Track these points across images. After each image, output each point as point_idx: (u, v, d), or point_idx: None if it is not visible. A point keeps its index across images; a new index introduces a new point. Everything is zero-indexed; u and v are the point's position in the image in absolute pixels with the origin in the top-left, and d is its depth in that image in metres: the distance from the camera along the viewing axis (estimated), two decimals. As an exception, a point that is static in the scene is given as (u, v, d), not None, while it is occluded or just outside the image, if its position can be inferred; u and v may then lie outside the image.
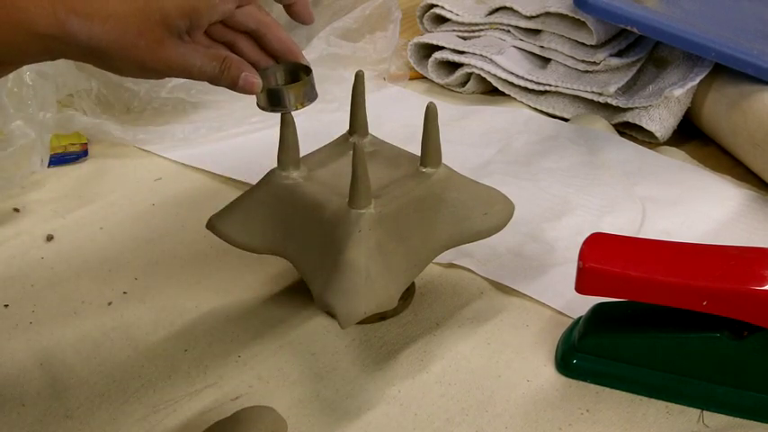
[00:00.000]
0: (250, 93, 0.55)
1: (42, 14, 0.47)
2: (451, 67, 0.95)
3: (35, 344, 0.61)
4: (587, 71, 0.88)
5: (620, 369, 0.57)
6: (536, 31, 0.92)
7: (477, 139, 0.85)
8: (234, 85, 0.54)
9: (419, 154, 0.60)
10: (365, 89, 0.62)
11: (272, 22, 0.57)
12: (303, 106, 0.57)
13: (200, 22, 0.52)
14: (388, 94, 0.93)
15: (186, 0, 0.51)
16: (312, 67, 0.58)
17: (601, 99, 0.87)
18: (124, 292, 0.66)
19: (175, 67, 0.51)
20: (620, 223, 0.72)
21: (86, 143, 0.83)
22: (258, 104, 0.57)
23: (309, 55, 0.90)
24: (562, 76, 0.89)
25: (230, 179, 0.79)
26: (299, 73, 0.58)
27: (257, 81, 0.54)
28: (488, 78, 0.92)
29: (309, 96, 0.57)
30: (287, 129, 0.59)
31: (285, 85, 0.57)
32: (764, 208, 0.75)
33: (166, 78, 0.66)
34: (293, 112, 0.58)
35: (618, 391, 0.57)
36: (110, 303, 0.65)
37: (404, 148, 0.63)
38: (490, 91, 0.94)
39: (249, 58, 0.57)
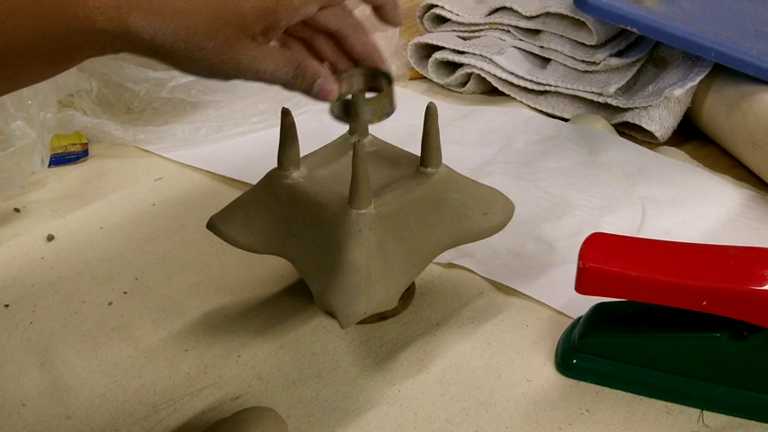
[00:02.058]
0: (324, 100, 0.51)
1: (102, 8, 0.43)
2: (451, 67, 0.95)
3: (35, 344, 0.61)
4: (587, 71, 0.88)
5: (620, 369, 0.57)
6: (536, 31, 0.92)
7: (477, 139, 0.85)
8: (308, 92, 0.50)
9: (419, 154, 0.60)
10: (365, 89, 0.62)
11: (357, 24, 0.54)
12: (379, 120, 0.54)
13: (278, 24, 0.48)
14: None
15: (264, 1, 0.47)
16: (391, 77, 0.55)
17: (601, 99, 0.87)
18: (124, 292, 0.66)
19: (245, 71, 0.48)
20: (620, 223, 0.72)
21: (87, 143, 0.83)
22: (331, 113, 0.54)
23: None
24: (562, 76, 0.89)
25: (230, 179, 0.79)
26: (380, 80, 0.54)
27: (333, 88, 0.50)
28: (488, 78, 0.92)
29: (386, 110, 0.55)
30: (287, 129, 0.59)
31: (362, 92, 0.54)
32: (764, 208, 0.75)
33: (175, 75, 0.60)
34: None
35: (618, 391, 0.57)
36: (110, 303, 0.65)
37: (404, 148, 0.63)
38: (490, 91, 0.94)
39: (328, 59, 0.53)
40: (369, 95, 0.54)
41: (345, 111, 0.54)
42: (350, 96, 0.54)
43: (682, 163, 0.81)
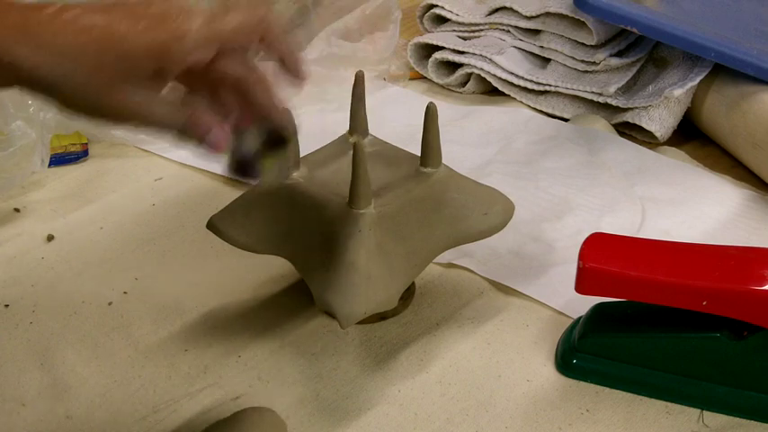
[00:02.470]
0: (216, 153, 0.47)
1: None
2: (451, 67, 0.95)
3: (35, 344, 0.61)
4: (587, 71, 0.88)
5: (620, 369, 0.57)
6: (536, 31, 0.92)
7: (477, 139, 0.85)
8: (199, 144, 0.46)
9: (419, 154, 0.60)
10: (365, 89, 0.62)
11: (259, 77, 0.49)
12: (276, 181, 0.52)
13: (169, 67, 0.44)
14: (388, 94, 0.93)
15: (156, 40, 0.43)
16: (298, 129, 0.51)
17: (601, 99, 0.87)
18: (124, 292, 0.66)
19: (131, 115, 0.45)
20: (620, 223, 0.72)
21: (87, 143, 0.83)
22: (225, 168, 0.50)
23: (309, 55, 0.90)
24: (562, 76, 0.89)
25: (230, 179, 0.79)
26: (280, 138, 0.51)
27: (223, 142, 0.47)
28: (488, 78, 0.92)
29: (283, 172, 0.51)
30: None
31: (260, 151, 0.50)
32: (764, 208, 0.75)
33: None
34: None
35: (618, 391, 0.57)
36: (110, 303, 0.65)
37: (404, 148, 0.63)
38: (490, 91, 0.94)
39: (232, 112, 0.49)
40: (266, 156, 0.50)
41: (242, 169, 0.50)
42: (244, 154, 0.50)
43: (682, 163, 0.81)
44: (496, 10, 0.94)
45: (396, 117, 0.86)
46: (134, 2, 0.45)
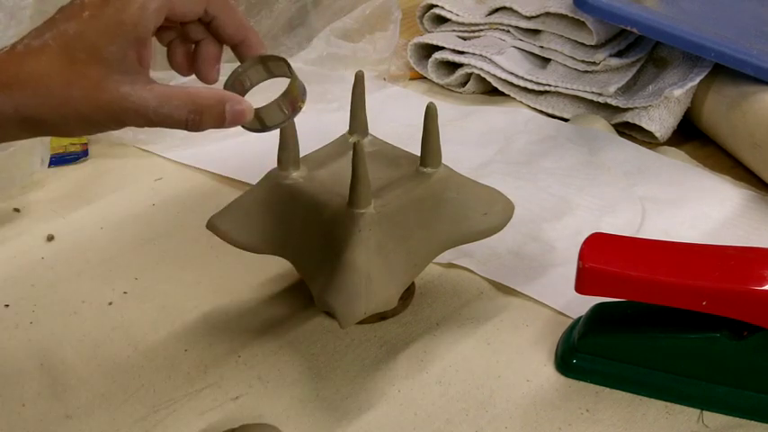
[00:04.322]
0: (241, 123, 0.46)
1: None
2: (451, 67, 0.95)
3: (35, 344, 0.61)
4: (587, 71, 0.88)
5: (620, 369, 0.57)
6: (536, 32, 0.92)
7: (477, 139, 0.85)
8: (220, 123, 0.45)
9: (419, 154, 0.60)
10: (365, 89, 0.62)
11: (227, 5, 0.47)
12: (303, 104, 0.50)
13: (136, 35, 0.42)
14: (388, 94, 0.93)
15: (108, 18, 0.41)
16: (291, 63, 0.49)
17: (601, 99, 0.87)
18: (124, 292, 0.66)
19: (122, 112, 0.42)
20: (620, 223, 0.72)
21: (86, 143, 0.83)
22: (245, 127, 0.49)
23: (309, 55, 0.90)
24: (562, 77, 0.89)
25: (230, 179, 0.79)
26: (274, 65, 0.49)
27: (246, 107, 0.45)
28: (488, 78, 0.92)
29: (303, 90, 0.49)
30: (287, 129, 0.59)
31: (258, 83, 0.49)
32: (764, 208, 0.75)
33: (176, 75, 0.54)
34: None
35: (618, 391, 0.57)
36: (110, 303, 0.65)
37: (404, 148, 0.63)
38: (490, 91, 0.94)
39: (207, 55, 0.48)
40: (283, 94, 0.49)
41: (266, 120, 0.49)
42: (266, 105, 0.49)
43: (682, 163, 0.81)
44: (496, 10, 0.94)
45: (396, 117, 0.86)
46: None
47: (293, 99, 0.49)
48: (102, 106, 0.42)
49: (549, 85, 0.89)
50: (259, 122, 0.49)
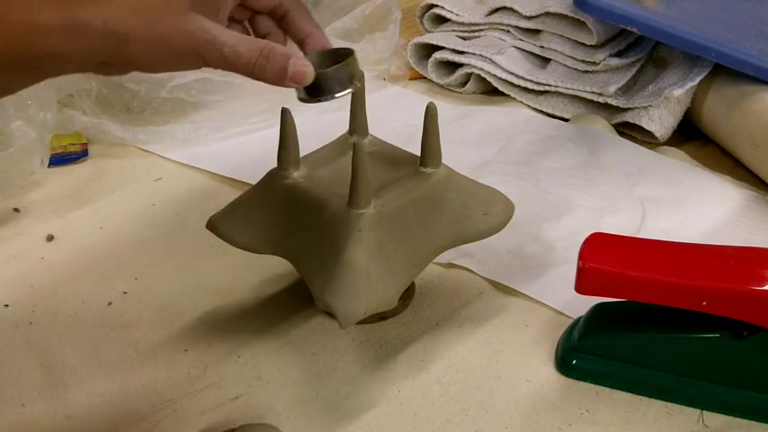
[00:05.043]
0: (301, 82, 0.47)
1: (47, 4, 0.42)
2: (451, 67, 0.95)
3: (35, 344, 0.61)
4: (587, 71, 0.88)
5: (620, 369, 0.57)
6: (536, 31, 0.92)
7: (477, 139, 0.85)
8: (282, 77, 0.46)
9: (419, 154, 0.60)
10: (365, 89, 0.62)
11: (298, 2, 0.51)
12: (357, 86, 0.51)
13: None
14: (388, 94, 0.93)
15: None
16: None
17: (601, 99, 0.87)
18: (124, 292, 0.66)
19: (202, 44, 0.44)
20: (620, 223, 0.72)
21: (86, 143, 0.83)
22: (299, 97, 0.51)
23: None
24: (562, 76, 0.89)
25: (230, 179, 0.79)
26: (336, 59, 0.51)
27: (309, 68, 0.47)
28: (488, 78, 0.92)
29: (359, 74, 0.51)
30: (287, 128, 0.59)
31: (326, 69, 0.50)
32: (764, 208, 0.75)
33: (175, 75, 0.56)
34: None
35: (618, 391, 0.57)
36: (110, 303, 0.65)
37: (404, 148, 0.63)
38: (490, 91, 0.94)
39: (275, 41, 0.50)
40: (339, 65, 0.51)
41: (314, 89, 0.50)
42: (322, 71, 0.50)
43: (682, 163, 0.81)
44: (496, 10, 0.94)
45: (396, 117, 0.86)
46: None
47: (351, 75, 0.50)
48: (186, 34, 0.44)
49: (549, 85, 0.89)
50: (313, 91, 0.50)
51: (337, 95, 0.51)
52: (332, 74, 0.50)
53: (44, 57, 0.44)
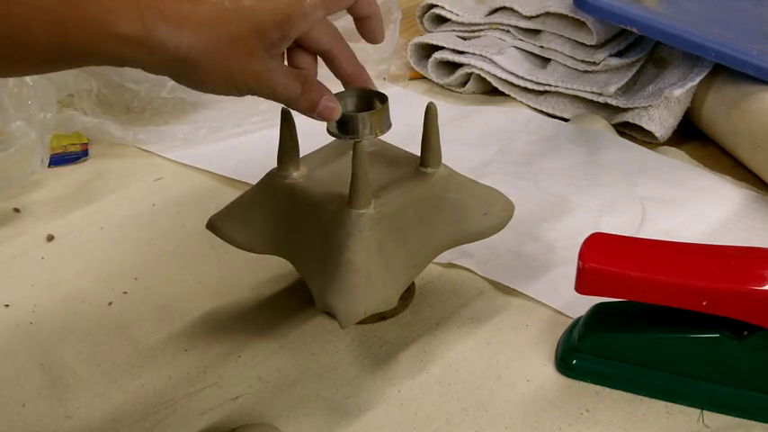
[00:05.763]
0: (328, 119, 0.52)
1: (128, 16, 0.44)
2: (451, 67, 0.95)
3: (35, 344, 0.61)
4: (587, 71, 0.88)
5: (620, 369, 0.57)
6: (536, 31, 0.92)
7: (477, 139, 0.85)
8: (312, 110, 0.51)
9: (419, 154, 0.60)
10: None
11: (346, 46, 0.55)
12: (380, 135, 0.55)
13: (292, 32, 0.48)
14: (388, 93, 0.93)
15: (279, 8, 0.47)
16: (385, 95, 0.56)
17: (601, 99, 0.87)
18: (124, 292, 0.66)
19: (262, 81, 0.48)
20: (620, 223, 0.72)
21: (86, 143, 0.83)
22: (329, 130, 0.55)
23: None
24: (562, 76, 0.89)
25: (230, 179, 0.79)
26: (372, 100, 0.56)
27: (337, 107, 0.52)
28: (488, 78, 0.92)
29: (385, 124, 0.55)
30: (287, 129, 0.59)
31: (359, 112, 0.55)
32: (764, 208, 0.75)
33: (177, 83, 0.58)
34: None
35: (618, 391, 0.57)
36: (110, 303, 0.65)
37: (404, 148, 0.63)
38: (490, 91, 0.94)
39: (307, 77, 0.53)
40: (369, 112, 0.55)
41: (343, 128, 0.54)
42: (350, 113, 0.55)
43: (682, 163, 0.81)
44: (496, 10, 0.94)
45: (396, 117, 0.85)
46: None
47: (376, 122, 0.54)
48: (250, 72, 0.47)
49: (549, 85, 0.89)
50: (337, 127, 0.54)
51: (360, 138, 0.54)
52: (360, 118, 0.54)
53: (97, 60, 0.46)
